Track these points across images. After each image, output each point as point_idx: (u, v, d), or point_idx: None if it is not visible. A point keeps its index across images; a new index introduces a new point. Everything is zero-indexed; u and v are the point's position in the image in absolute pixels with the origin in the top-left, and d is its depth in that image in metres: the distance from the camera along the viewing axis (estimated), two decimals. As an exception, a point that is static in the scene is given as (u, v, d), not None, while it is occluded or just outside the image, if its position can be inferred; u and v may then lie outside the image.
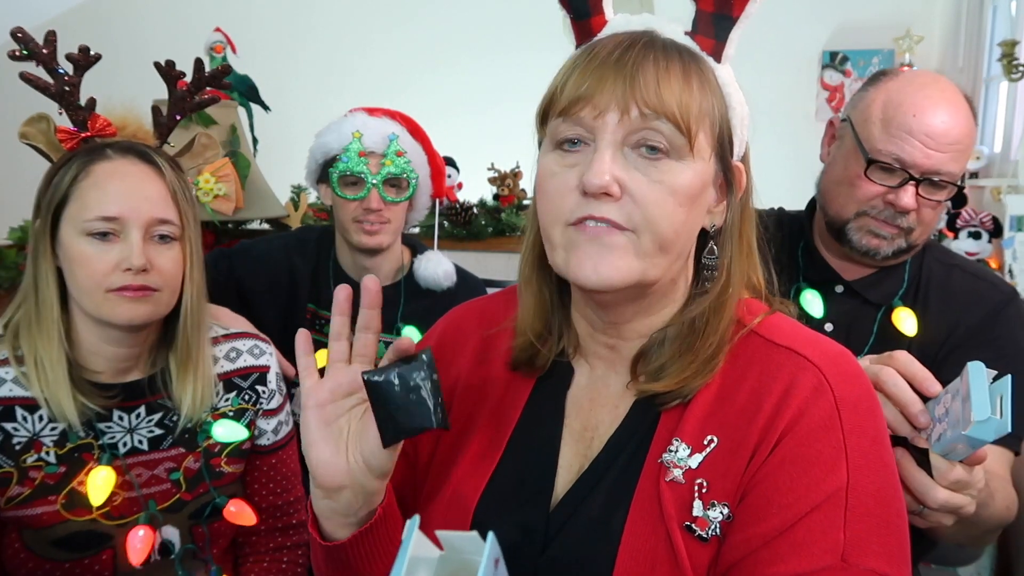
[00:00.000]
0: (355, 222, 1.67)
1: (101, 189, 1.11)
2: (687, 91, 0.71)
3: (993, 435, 0.81)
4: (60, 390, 1.12)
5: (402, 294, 1.78)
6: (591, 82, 0.71)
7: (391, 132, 1.67)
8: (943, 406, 0.87)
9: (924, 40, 3.35)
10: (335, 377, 0.74)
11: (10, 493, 1.12)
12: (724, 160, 0.77)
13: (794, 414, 0.72)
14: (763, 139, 1.33)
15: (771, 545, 0.70)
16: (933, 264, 1.32)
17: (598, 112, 0.71)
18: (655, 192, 0.71)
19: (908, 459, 0.87)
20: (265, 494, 1.34)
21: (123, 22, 3.95)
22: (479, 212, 2.77)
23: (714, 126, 0.74)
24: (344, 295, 0.74)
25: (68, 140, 1.18)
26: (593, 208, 0.71)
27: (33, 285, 1.15)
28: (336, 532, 0.77)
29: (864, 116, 1.25)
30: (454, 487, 0.83)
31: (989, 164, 2.91)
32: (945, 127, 1.18)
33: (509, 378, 0.88)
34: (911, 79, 1.24)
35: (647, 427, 0.79)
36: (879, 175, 1.22)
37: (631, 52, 0.71)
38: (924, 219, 1.24)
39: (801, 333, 0.79)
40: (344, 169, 1.65)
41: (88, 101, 1.20)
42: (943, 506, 0.87)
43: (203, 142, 1.34)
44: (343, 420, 0.74)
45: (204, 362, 1.22)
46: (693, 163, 0.72)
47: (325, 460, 0.73)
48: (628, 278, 0.73)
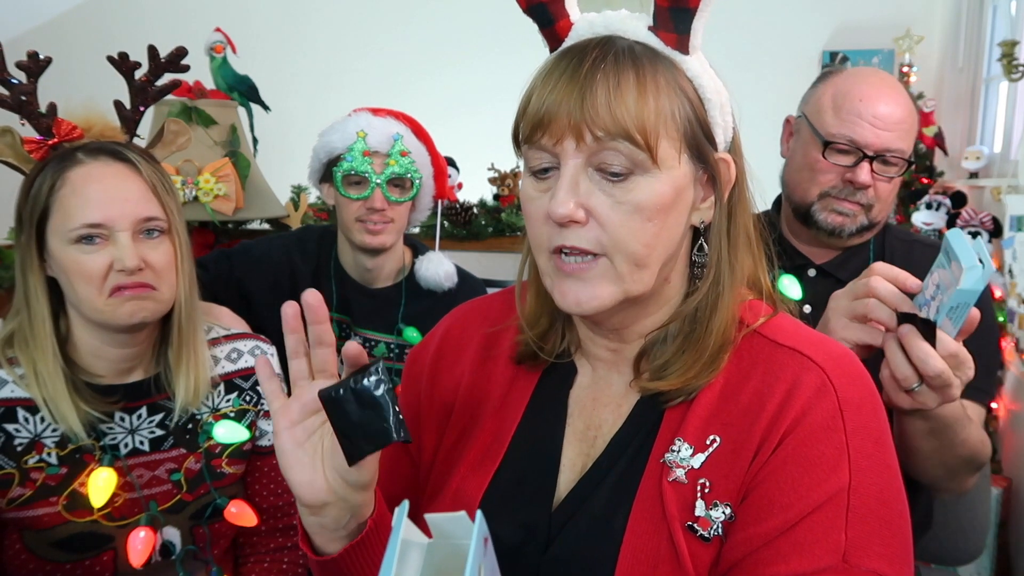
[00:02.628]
0: (358, 221, 1.67)
1: (80, 196, 1.09)
2: (641, 103, 0.69)
3: (983, 282, 0.88)
4: (61, 400, 1.11)
5: (403, 295, 1.78)
6: (547, 107, 0.70)
7: (395, 132, 1.68)
8: (932, 284, 0.94)
9: (924, 40, 3.34)
10: (300, 396, 0.73)
11: (11, 494, 1.12)
12: (702, 156, 0.75)
13: (797, 414, 0.72)
14: (763, 139, 1.33)
15: (772, 545, 0.70)
16: (894, 242, 1.46)
17: (556, 139, 0.70)
18: (619, 214, 0.71)
19: (915, 333, 0.93)
20: (266, 495, 1.34)
21: (123, 22, 3.94)
22: (479, 212, 2.77)
23: (681, 128, 0.72)
24: (292, 312, 0.72)
25: (37, 150, 1.16)
26: (564, 237, 0.71)
27: (24, 300, 1.14)
28: (327, 546, 0.77)
29: (816, 107, 1.38)
30: (457, 486, 0.84)
31: (989, 164, 2.91)
32: (889, 109, 1.32)
33: (512, 377, 0.88)
34: (854, 72, 1.40)
35: (650, 427, 0.79)
36: (836, 156, 1.35)
37: (582, 69, 0.70)
38: (881, 194, 1.36)
39: (805, 334, 0.79)
40: (348, 168, 1.64)
41: (48, 107, 1.17)
42: (938, 376, 0.92)
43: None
44: (315, 438, 0.73)
45: (198, 352, 1.21)
46: (660, 174, 0.71)
47: (304, 481, 0.72)
48: (608, 302, 0.74)
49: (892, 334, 0.96)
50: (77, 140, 1.17)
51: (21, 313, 1.15)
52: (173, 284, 1.17)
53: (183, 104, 2.19)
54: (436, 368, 0.92)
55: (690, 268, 0.81)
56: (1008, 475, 2.33)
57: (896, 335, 0.95)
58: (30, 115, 1.17)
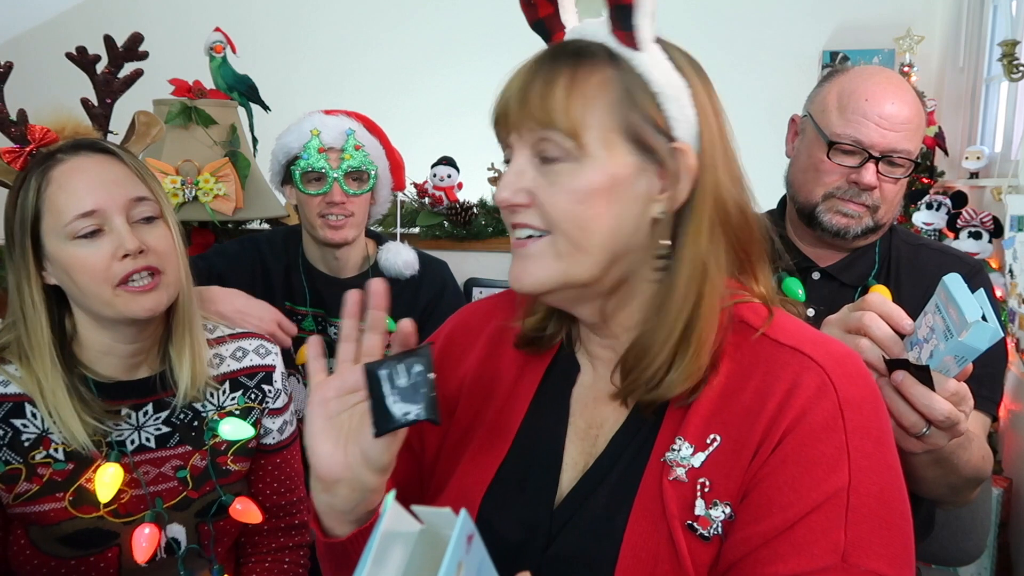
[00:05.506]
0: (320, 217, 1.74)
1: (68, 190, 1.09)
2: (570, 98, 0.74)
3: (987, 342, 0.83)
4: (65, 414, 1.11)
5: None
6: (501, 105, 0.78)
7: (348, 128, 1.76)
8: (926, 326, 0.91)
9: (924, 40, 3.34)
10: (342, 375, 0.76)
11: (18, 490, 1.13)
12: (647, 148, 0.75)
13: (797, 414, 0.73)
14: (763, 139, 1.33)
15: (771, 544, 0.70)
16: (900, 245, 1.42)
17: (507, 132, 0.78)
18: (554, 195, 0.75)
19: (911, 380, 0.90)
20: (269, 493, 1.34)
21: (123, 22, 3.93)
22: (479, 212, 2.76)
23: (619, 120, 0.74)
24: (353, 299, 0.77)
25: (15, 159, 1.15)
26: (514, 216, 0.78)
27: (20, 313, 1.13)
28: (336, 528, 0.78)
29: (822, 107, 1.36)
30: (459, 483, 0.84)
31: (989, 164, 2.91)
32: (896, 108, 1.30)
33: (518, 369, 0.89)
34: (860, 71, 1.37)
35: (651, 426, 0.79)
36: (841, 157, 1.32)
37: (524, 71, 0.77)
38: (887, 196, 1.34)
39: (806, 333, 0.79)
40: (306, 166, 1.72)
41: (18, 114, 1.17)
42: (947, 419, 0.89)
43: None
44: (345, 416, 0.76)
45: (196, 339, 1.22)
46: (589, 161, 0.74)
47: (325, 453, 0.74)
48: (548, 281, 0.76)
49: (885, 380, 0.91)
50: (52, 143, 1.17)
51: (18, 326, 1.13)
52: (177, 267, 1.16)
53: (183, 104, 2.20)
54: (440, 367, 0.93)
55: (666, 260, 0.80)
56: (1008, 475, 2.33)
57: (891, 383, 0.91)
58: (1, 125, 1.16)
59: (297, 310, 1.86)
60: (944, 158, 3.09)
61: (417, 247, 1.94)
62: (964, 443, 1.04)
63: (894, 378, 0.90)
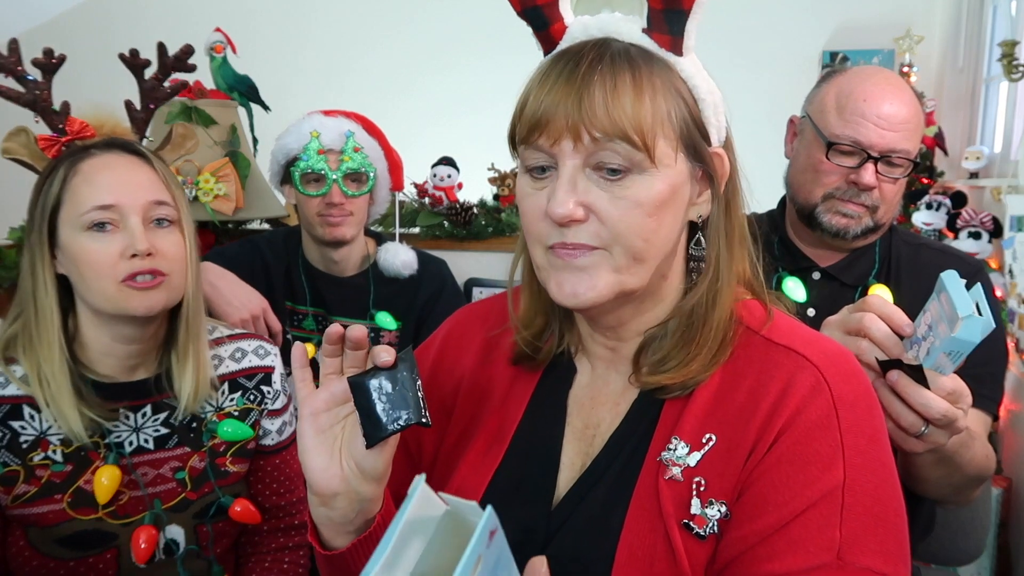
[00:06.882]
0: (319, 216, 1.76)
1: (92, 183, 1.11)
2: (638, 104, 0.70)
3: (979, 335, 0.83)
4: (63, 401, 1.12)
5: (371, 281, 1.87)
6: (544, 108, 0.71)
7: (347, 129, 1.77)
8: (924, 324, 0.91)
9: (924, 40, 3.34)
10: (329, 387, 0.76)
11: (16, 491, 1.13)
12: (697, 154, 0.76)
13: (791, 412, 0.73)
14: (764, 139, 1.33)
15: (767, 542, 0.70)
16: (900, 245, 1.43)
17: (553, 140, 0.71)
18: (619, 209, 0.72)
19: (907, 379, 0.90)
20: (268, 494, 1.34)
21: (123, 22, 3.94)
22: (479, 212, 2.76)
23: (677, 127, 0.73)
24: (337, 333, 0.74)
25: (50, 147, 1.18)
26: (564, 235, 0.72)
27: (31, 296, 1.14)
28: (334, 540, 0.78)
29: (820, 108, 1.36)
30: (457, 486, 0.84)
31: (989, 164, 2.91)
32: (894, 109, 1.30)
33: (512, 378, 0.89)
34: (857, 72, 1.37)
35: (647, 425, 0.79)
36: (839, 158, 1.32)
37: (579, 71, 0.71)
38: (886, 196, 1.34)
39: (800, 332, 0.80)
40: (305, 167, 1.74)
41: (62, 105, 1.19)
42: (944, 417, 0.89)
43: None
44: (337, 428, 0.75)
45: (201, 352, 1.22)
46: (658, 172, 0.72)
47: (320, 466, 0.74)
48: (606, 294, 0.74)
49: (881, 381, 0.92)
50: (89, 139, 1.19)
51: (25, 313, 1.15)
52: (184, 274, 1.17)
53: (183, 104, 2.20)
54: (437, 370, 0.93)
55: (687, 264, 0.82)
56: (1008, 475, 2.33)
57: (887, 383, 0.91)
58: (43, 111, 1.18)
59: (298, 309, 1.87)
60: (944, 158, 3.09)
61: (417, 247, 1.96)
62: (967, 441, 1.04)
63: (889, 378, 0.91)
